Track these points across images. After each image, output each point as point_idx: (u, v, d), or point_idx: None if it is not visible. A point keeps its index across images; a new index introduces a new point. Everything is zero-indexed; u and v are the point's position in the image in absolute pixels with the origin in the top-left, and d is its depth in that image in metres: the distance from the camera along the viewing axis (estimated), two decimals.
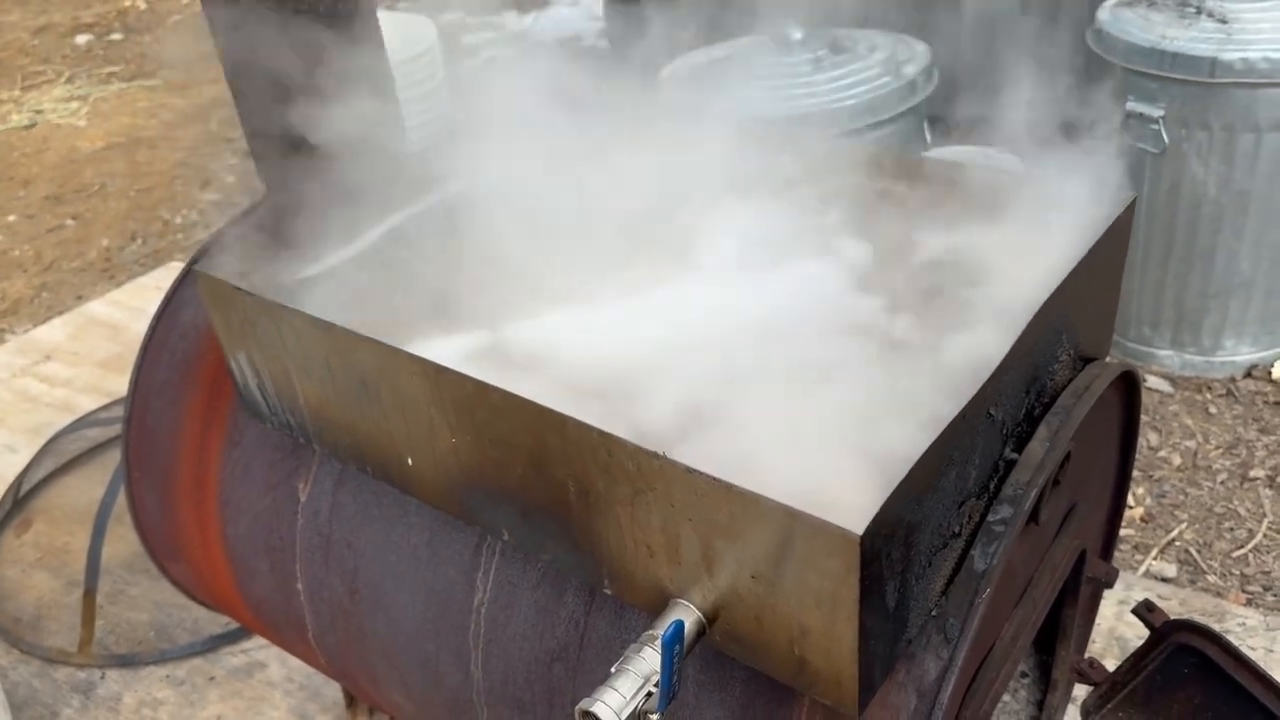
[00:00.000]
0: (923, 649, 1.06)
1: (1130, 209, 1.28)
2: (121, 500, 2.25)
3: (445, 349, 1.23)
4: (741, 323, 1.24)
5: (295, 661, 2.30)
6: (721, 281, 1.34)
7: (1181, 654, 1.47)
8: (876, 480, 0.93)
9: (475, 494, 1.21)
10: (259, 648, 2.34)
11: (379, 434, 1.28)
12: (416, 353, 1.15)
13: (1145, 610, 1.52)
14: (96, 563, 2.36)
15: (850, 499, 0.92)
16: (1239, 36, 2.55)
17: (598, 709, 0.96)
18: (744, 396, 1.11)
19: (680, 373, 1.17)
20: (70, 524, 2.76)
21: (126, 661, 2.34)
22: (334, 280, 1.43)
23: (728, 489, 0.93)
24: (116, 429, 2.97)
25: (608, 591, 1.15)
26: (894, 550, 0.94)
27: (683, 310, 1.29)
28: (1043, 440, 1.15)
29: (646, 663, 0.99)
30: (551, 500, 1.12)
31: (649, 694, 0.98)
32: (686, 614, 1.04)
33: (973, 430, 1.03)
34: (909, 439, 0.96)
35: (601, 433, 1.01)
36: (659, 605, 1.07)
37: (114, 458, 2.76)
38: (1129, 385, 1.46)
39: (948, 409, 0.98)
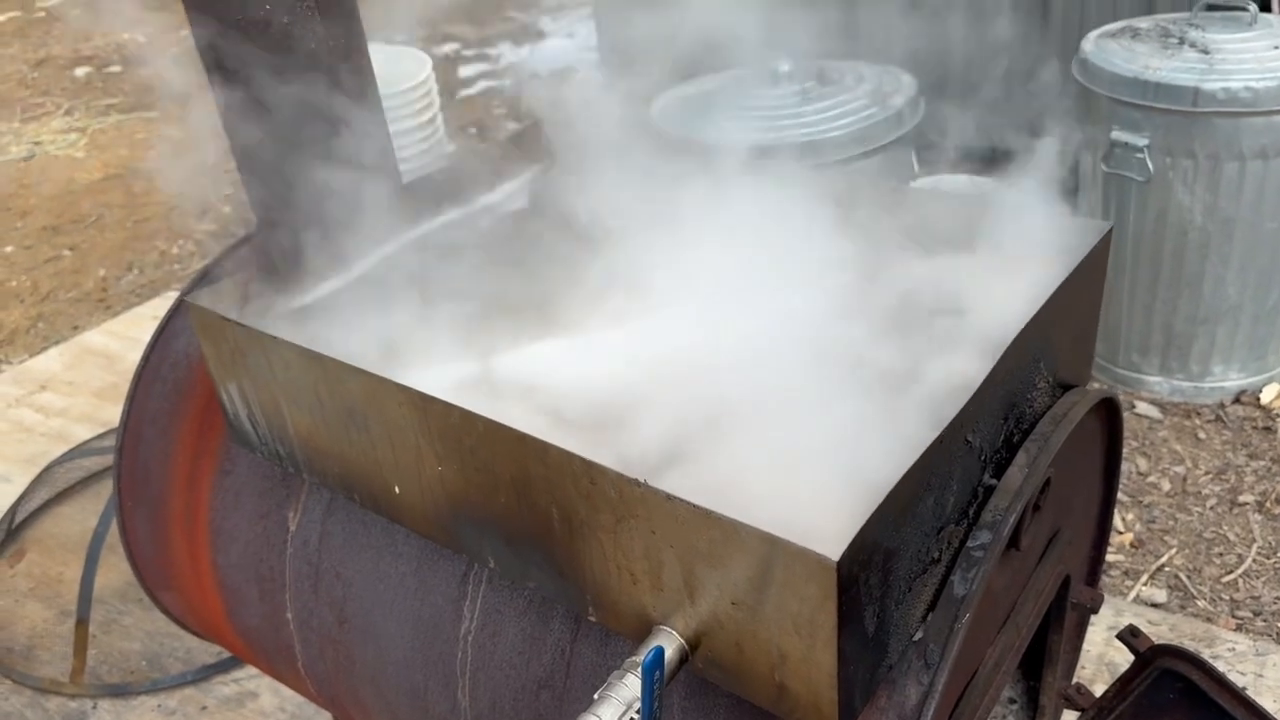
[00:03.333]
0: (904, 674, 1.07)
1: (1107, 239, 1.30)
2: (115, 530, 2.26)
3: (433, 379, 1.24)
4: (725, 353, 1.25)
5: (287, 691, 2.30)
6: (706, 312, 1.35)
7: (1167, 679, 1.48)
8: (855, 506, 0.94)
9: (461, 522, 1.23)
10: (251, 677, 2.34)
11: (367, 463, 1.29)
12: (405, 383, 1.16)
13: (1130, 635, 1.53)
14: (89, 592, 2.36)
15: (828, 525, 0.93)
16: (1221, 67, 2.59)
17: None
18: (726, 425, 1.13)
19: (664, 403, 1.18)
20: (64, 553, 2.77)
21: (118, 691, 2.33)
22: (323, 311, 1.45)
23: (707, 515, 0.94)
24: (110, 458, 2.98)
25: (592, 619, 1.16)
26: (872, 576, 0.96)
27: (667, 341, 1.31)
28: (1021, 466, 1.17)
29: (629, 689, 1.00)
30: (536, 528, 1.13)
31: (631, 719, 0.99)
32: (669, 640, 1.05)
33: (950, 456, 1.05)
34: (887, 465, 0.98)
35: (584, 460, 1.02)
36: (642, 632, 1.08)
37: (108, 487, 2.77)
38: (1110, 412, 1.48)
39: (925, 435, 0.99)
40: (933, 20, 3.91)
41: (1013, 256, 1.30)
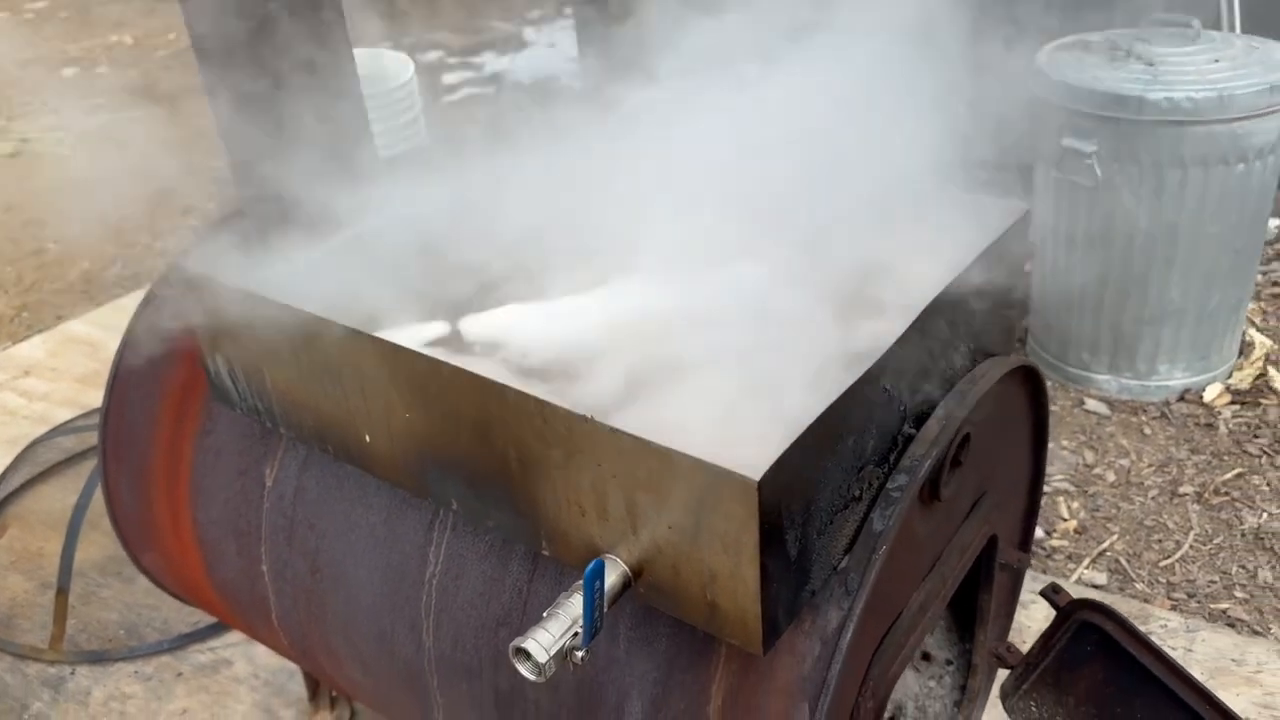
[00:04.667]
0: (826, 600, 1.18)
1: (1024, 220, 1.42)
2: (95, 506, 2.35)
3: (404, 338, 1.35)
4: (675, 315, 1.36)
5: (261, 658, 2.38)
6: (661, 280, 1.46)
7: (1085, 632, 1.59)
8: (779, 439, 1.05)
9: (427, 466, 1.33)
10: (226, 645, 2.42)
11: (340, 414, 1.39)
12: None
13: (1052, 592, 1.64)
14: (70, 562, 2.44)
15: (755, 454, 1.04)
16: (1165, 78, 2.73)
17: (529, 645, 1.07)
18: (672, 376, 1.23)
19: (616, 356, 1.29)
20: (45, 529, 2.84)
21: (96, 658, 2.41)
22: (302, 277, 1.55)
23: (647, 446, 1.05)
24: (91, 438, 3.06)
25: (545, 553, 1.26)
26: (793, 502, 1.06)
27: (623, 304, 1.42)
28: (939, 419, 1.28)
29: (575, 607, 1.10)
30: (495, 468, 1.23)
31: (576, 634, 1.09)
32: (613, 566, 1.15)
33: (869, 401, 1.16)
34: (812, 407, 1.09)
35: (537, 400, 1.13)
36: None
37: (89, 466, 2.85)
38: (1034, 386, 1.59)
39: (846, 381, 1.11)
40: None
41: (939, 234, 1.41)
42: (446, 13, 7.62)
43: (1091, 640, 1.59)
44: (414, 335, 1.39)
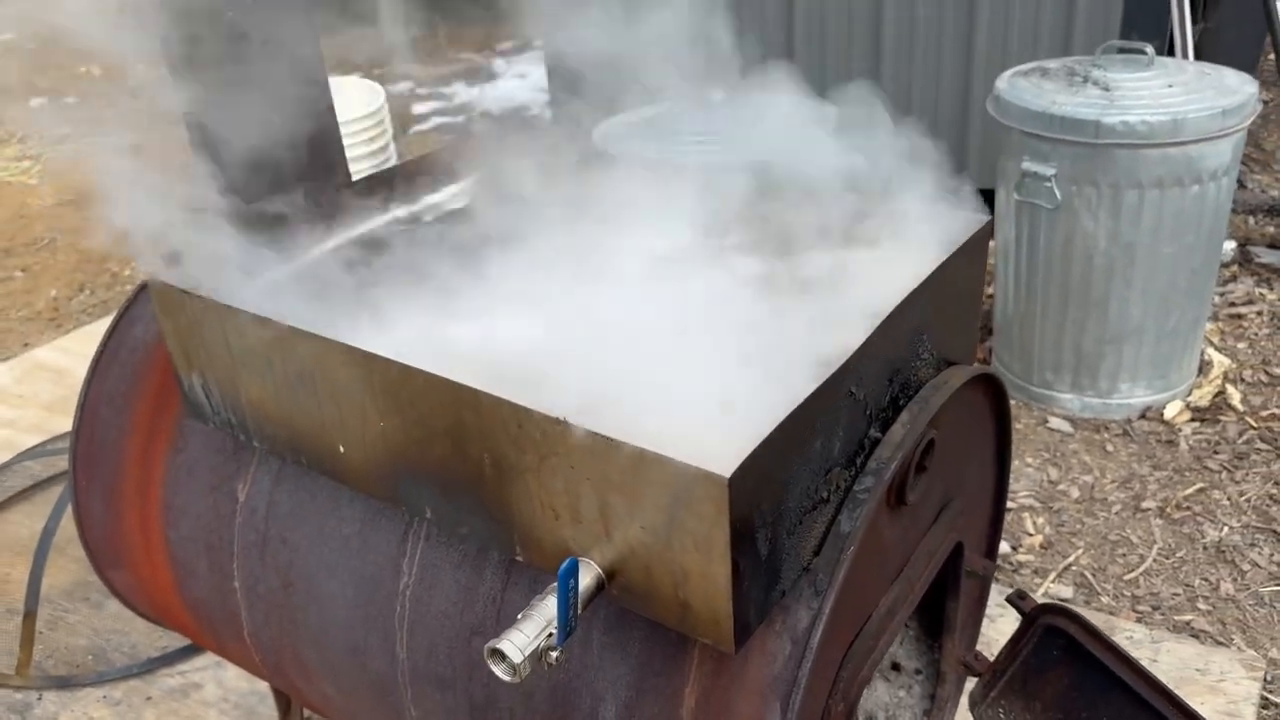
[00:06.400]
0: (796, 600, 1.20)
1: (985, 230, 1.46)
2: (63, 531, 2.33)
3: (376, 346, 1.36)
4: (648, 324, 1.39)
5: (231, 681, 2.36)
6: (631, 289, 1.49)
7: (1050, 636, 1.62)
8: (747, 440, 1.07)
9: (401, 475, 1.34)
10: (196, 669, 2.40)
11: (314, 424, 1.40)
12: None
13: (1018, 598, 1.66)
14: (37, 586, 2.41)
15: (725, 453, 1.06)
16: (1120, 102, 2.81)
17: (504, 646, 1.08)
18: (643, 382, 1.26)
19: (588, 362, 1.31)
20: (11, 555, 2.81)
21: (63, 684, 2.38)
22: (274, 292, 1.56)
23: (619, 447, 1.07)
24: (59, 463, 3.04)
25: (519, 558, 1.27)
26: (763, 501, 1.09)
27: (596, 314, 1.44)
28: (904, 423, 1.31)
29: (549, 608, 1.12)
30: (469, 475, 1.25)
31: (550, 634, 1.11)
32: (587, 569, 1.17)
33: (836, 405, 1.18)
34: (780, 408, 1.11)
35: (512, 405, 1.15)
36: None
37: (56, 492, 2.82)
38: (996, 395, 1.63)
39: (811, 384, 1.13)
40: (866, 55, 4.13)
41: (902, 245, 1.45)
42: (419, 43, 7.68)
43: (1057, 645, 1.62)
44: (387, 344, 1.41)
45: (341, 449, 1.39)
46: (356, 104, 3.70)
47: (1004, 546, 2.68)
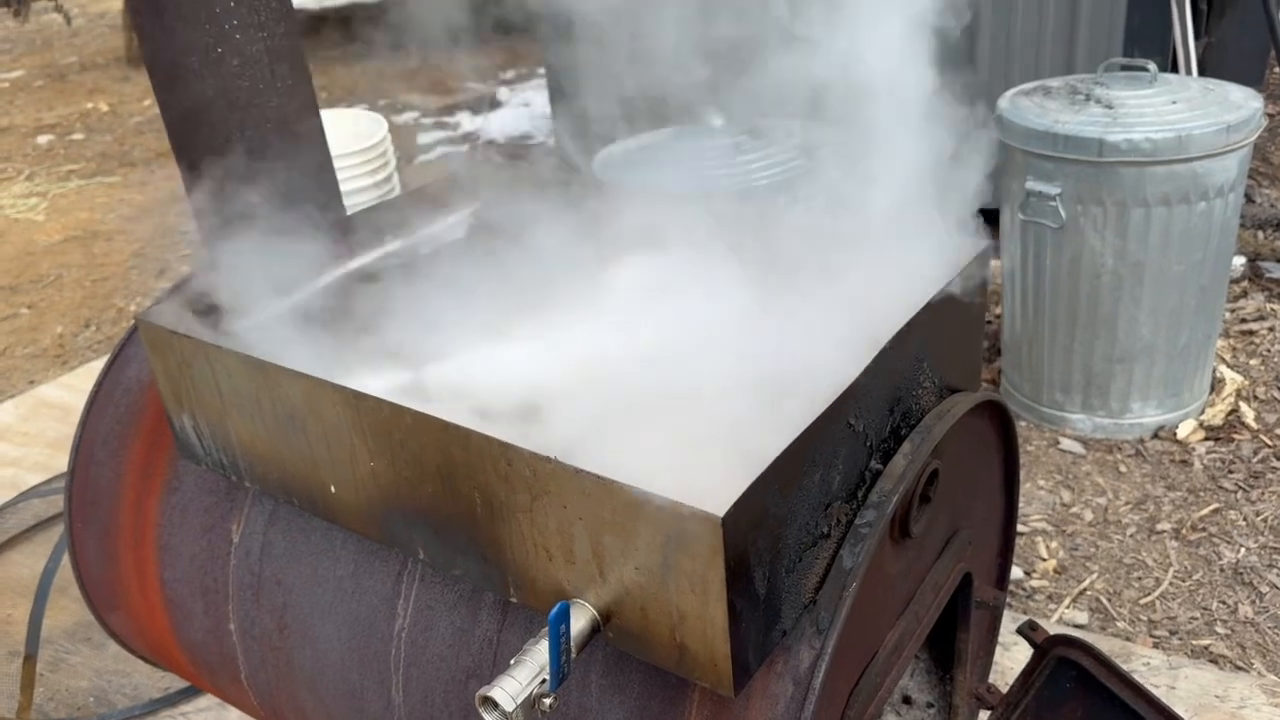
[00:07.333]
0: (798, 640, 1.16)
1: (985, 254, 1.43)
2: (64, 571, 2.30)
3: (366, 385, 1.34)
4: (639, 355, 1.36)
5: None
6: (627, 321, 1.47)
7: (1063, 668, 1.58)
8: (742, 476, 1.04)
9: (393, 515, 1.31)
10: (198, 710, 2.37)
11: (305, 464, 1.38)
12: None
13: (1029, 629, 1.63)
14: (38, 628, 2.39)
15: (719, 492, 1.03)
16: (1124, 120, 2.78)
17: (495, 694, 1.05)
18: (635, 416, 1.23)
19: (580, 398, 1.29)
20: (13, 596, 2.79)
21: None
22: (266, 331, 1.54)
23: (611, 486, 1.04)
24: (60, 502, 3.01)
25: (513, 600, 1.24)
26: (760, 539, 1.05)
27: (587, 347, 1.42)
28: (906, 454, 1.28)
29: (542, 653, 1.09)
30: (461, 514, 1.22)
31: (544, 680, 1.08)
32: (582, 611, 1.14)
33: (834, 437, 1.15)
34: (775, 443, 1.08)
35: (501, 443, 1.12)
36: None
37: (57, 531, 2.80)
38: (1002, 421, 1.60)
39: (809, 417, 1.10)
40: None
41: (902, 272, 1.42)
42: (422, 74, 7.72)
43: (1070, 677, 1.58)
44: (376, 383, 1.39)
45: (333, 489, 1.37)
46: (360, 136, 3.70)
47: (1017, 572, 2.64)
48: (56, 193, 6.24)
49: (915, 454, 1.27)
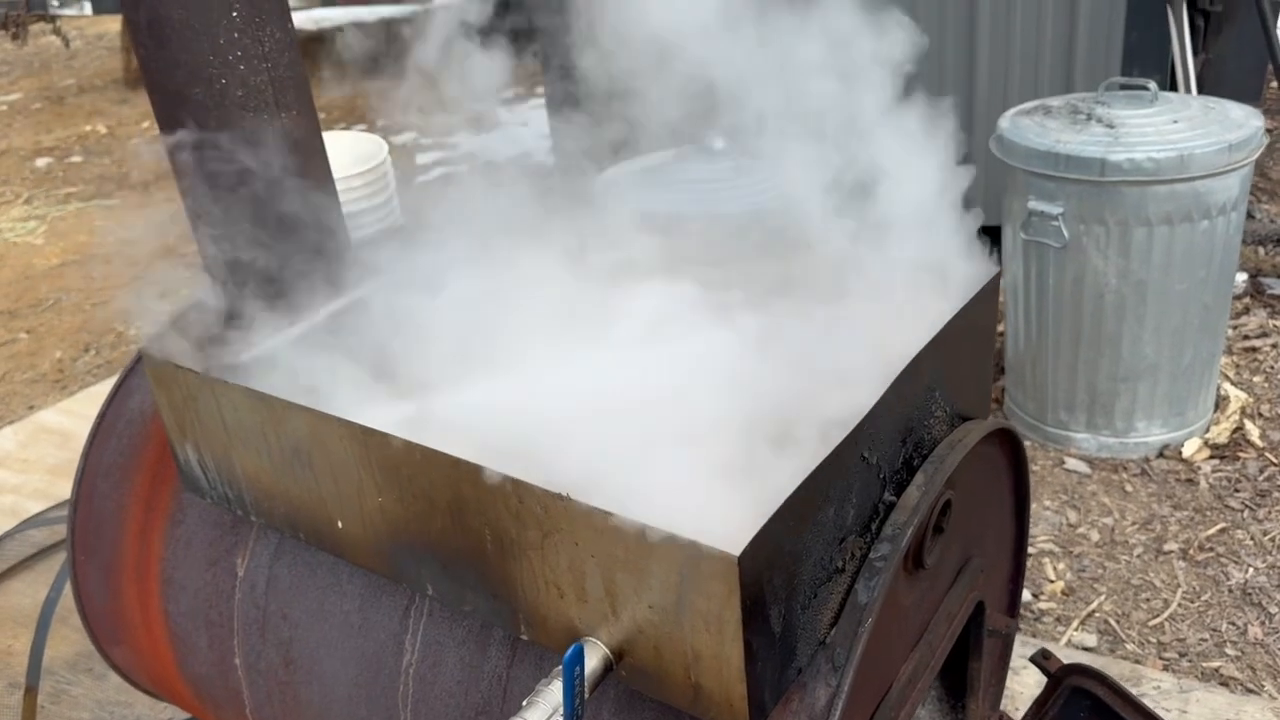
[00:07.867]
0: (813, 678, 1.15)
1: (994, 282, 1.42)
2: (66, 601, 2.28)
3: (374, 420, 1.33)
4: (648, 389, 1.35)
5: None
6: (633, 353, 1.46)
7: (1077, 697, 1.57)
8: (757, 513, 1.03)
9: (401, 551, 1.30)
10: None
11: (311, 499, 1.36)
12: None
13: (1042, 658, 1.61)
14: (39, 661, 2.36)
15: (733, 529, 1.02)
16: (1125, 140, 2.78)
17: None
18: (645, 451, 1.22)
19: (590, 432, 1.27)
20: (14, 626, 2.76)
21: None
22: (271, 362, 1.53)
23: (623, 523, 1.03)
24: (62, 531, 3.00)
25: (524, 637, 1.23)
26: (775, 576, 1.04)
27: (596, 379, 1.40)
28: (919, 485, 1.27)
29: (555, 694, 1.07)
30: (470, 550, 1.21)
31: None
32: (594, 650, 1.12)
33: (848, 471, 1.14)
34: (790, 478, 1.07)
35: (512, 480, 1.11)
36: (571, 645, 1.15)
37: (59, 560, 2.78)
38: (1013, 448, 1.59)
39: (823, 451, 1.09)
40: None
41: (911, 298, 1.41)
42: (422, 94, 7.72)
43: (1084, 706, 1.57)
44: (384, 417, 1.37)
45: (340, 524, 1.35)
46: (360, 158, 3.69)
47: (1024, 594, 2.62)
48: (55, 216, 6.24)
49: (929, 485, 1.26)
